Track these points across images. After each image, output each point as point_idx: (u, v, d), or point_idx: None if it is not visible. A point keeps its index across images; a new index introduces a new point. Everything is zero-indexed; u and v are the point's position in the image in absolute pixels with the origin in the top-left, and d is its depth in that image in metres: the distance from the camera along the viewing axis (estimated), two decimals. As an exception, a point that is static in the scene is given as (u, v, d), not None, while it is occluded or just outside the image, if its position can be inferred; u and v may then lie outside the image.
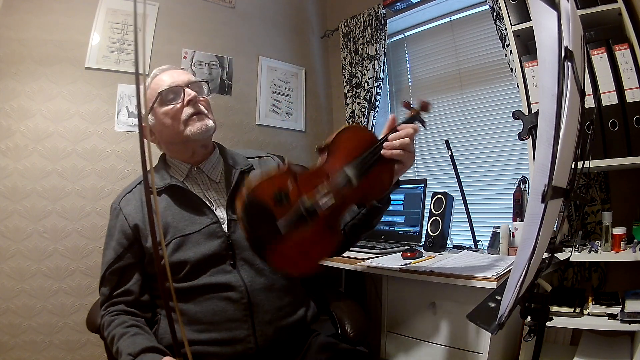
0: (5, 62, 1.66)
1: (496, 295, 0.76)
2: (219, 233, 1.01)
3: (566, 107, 0.55)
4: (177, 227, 1.00)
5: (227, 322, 0.95)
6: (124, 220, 1.03)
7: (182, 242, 0.99)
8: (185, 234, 1.00)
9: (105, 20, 1.86)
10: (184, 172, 1.10)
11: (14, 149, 1.66)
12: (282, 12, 2.46)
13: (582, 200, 1.54)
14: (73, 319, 1.71)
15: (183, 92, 1.03)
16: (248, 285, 0.98)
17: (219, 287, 0.97)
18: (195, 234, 1.00)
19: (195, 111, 1.04)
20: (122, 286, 1.02)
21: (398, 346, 1.46)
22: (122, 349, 0.91)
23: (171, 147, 1.10)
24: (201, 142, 1.07)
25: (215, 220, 1.02)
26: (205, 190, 1.09)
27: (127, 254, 1.02)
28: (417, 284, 1.37)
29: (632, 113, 1.32)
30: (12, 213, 1.65)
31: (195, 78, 1.10)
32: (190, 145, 1.06)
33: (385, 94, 2.45)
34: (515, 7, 1.58)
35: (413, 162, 1.03)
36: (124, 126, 1.87)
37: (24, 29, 1.70)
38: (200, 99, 1.07)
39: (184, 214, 1.02)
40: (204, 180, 1.10)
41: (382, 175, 0.99)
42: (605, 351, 1.36)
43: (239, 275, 0.99)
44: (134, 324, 0.97)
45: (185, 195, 1.05)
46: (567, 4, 0.62)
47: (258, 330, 0.96)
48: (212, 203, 1.06)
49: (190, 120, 1.03)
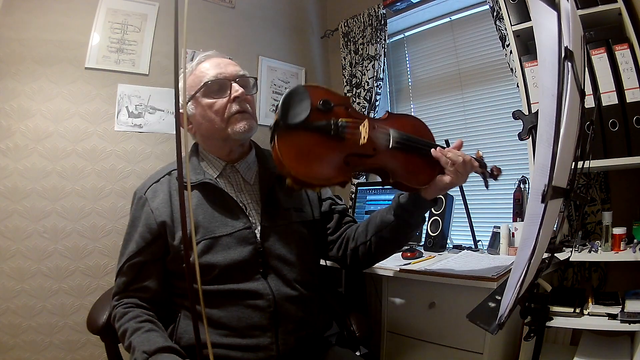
0: (5, 62, 1.66)
1: (496, 295, 0.76)
2: (251, 239, 0.97)
3: (566, 107, 0.55)
4: (208, 227, 0.96)
5: (252, 329, 0.93)
6: (150, 214, 0.98)
7: (212, 244, 0.95)
8: (216, 235, 0.95)
9: (105, 20, 1.86)
10: (218, 168, 1.05)
11: (14, 149, 1.66)
12: (282, 12, 2.46)
13: (582, 200, 1.54)
14: (73, 319, 1.71)
15: (230, 87, 0.99)
16: (276, 294, 0.95)
17: (246, 294, 0.94)
18: (227, 237, 0.96)
19: (241, 109, 0.99)
20: (139, 282, 0.98)
21: (398, 346, 1.46)
22: (135, 344, 0.88)
23: (208, 142, 1.05)
24: (241, 141, 1.04)
25: (249, 225, 0.98)
26: (239, 191, 1.04)
27: (150, 249, 0.98)
28: (417, 284, 1.37)
29: (632, 113, 1.32)
30: (12, 213, 1.65)
31: (244, 71, 1.05)
32: (229, 143, 1.02)
33: (385, 94, 2.44)
34: (515, 7, 1.58)
35: (456, 185, 1.02)
36: (124, 126, 1.87)
37: (24, 29, 1.70)
38: (247, 96, 1.02)
39: (216, 214, 0.98)
40: (238, 180, 1.05)
41: (419, 166, 1.00)
42: (605, 351, 1.36)
43: (267, 284, 0.96)
44: (148, 319, 0.94)
45: (219, 194, 1.00)
46: (567, 4, 0.62)
47: (280, 339, 0.94)
48: (246, 206, 1.02)
49: (234, 118, 0.99)
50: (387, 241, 1.07)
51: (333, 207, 1.18)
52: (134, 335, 0.90)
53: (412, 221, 1.05)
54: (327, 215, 1.17)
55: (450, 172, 0.99)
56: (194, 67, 1.03)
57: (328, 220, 1.17)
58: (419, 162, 1.01)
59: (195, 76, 1.01)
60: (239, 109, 0.99)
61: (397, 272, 1.40)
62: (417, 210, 1.04)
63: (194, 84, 1.00)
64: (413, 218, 1.05)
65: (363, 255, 1.10)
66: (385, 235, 1.06)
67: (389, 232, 1.06)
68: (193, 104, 1.01)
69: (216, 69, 1.00)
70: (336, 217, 1.17)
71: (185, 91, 0.99)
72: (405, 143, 0.99)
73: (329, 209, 1.17)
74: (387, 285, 1.50)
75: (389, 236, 1.06)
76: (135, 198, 1.04)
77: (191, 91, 1.00)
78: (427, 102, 2.35)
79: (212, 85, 0.98)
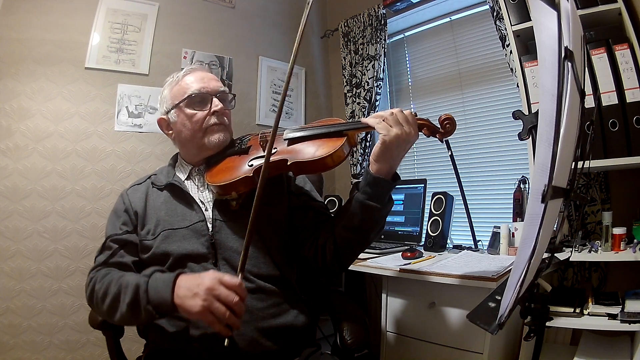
0: (5, 62, 1.66)
1: (496, 295, 0.76)
2: (204, 232, 1.03)
3: (566, 107, 0.55)
4: (168, 220, 1.05)
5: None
6: (130, 205, 1.10)
7: (169, 235, 1.03)
8: (173, 227, 1.04)
9: (105, 20, 1.86)
10: (186, 172, 1.15)
11: (14, 149, 1.66)
12: (282, 12, 2.46)
13: (582, 200, 1.54)
14: (73, 319, 1.71)
15: (211, 101, 1.09)
16: None
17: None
18: (183, 230, 1.03)
19: (219, 122, 1.10)
20: (118, 257, 1.04)
21: (398, 346, 1.46)
22: (127, 280, 0.93)
23: (183, 148, 1.16)
24: (214, 151, 1.12)
25: (203, 219, 1.05)
26: (202, 191, 1.12)
27: (130, 233, 1.07)
28: (417, 284, 1.37)
29: (632, 113, 1.32)
30: (12, 213, 1.65)
31: (224, 87, 1.15)
32: (203, 152, 1.12)
33: (385, 94, 2.44)
34: (515, 7, 1.58)
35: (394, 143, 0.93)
36: (124, 126, 1.87)
37: (24, 29, 1.70)
38: (225, 110, 1.12)
39: (177, 210, 1.07)
40: (201, 180, 1.13)
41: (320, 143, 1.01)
42: (605, 351, 1.36)
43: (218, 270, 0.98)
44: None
45: (181, 193, 1.09)
46: (567, 4, 0.62)
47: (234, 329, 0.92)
48: (204, 203, 1.09)
49: (211, 129, 1.09)
50: (351, 232, 1.00)
51: (308, 204, 1.15)
52: (121, 278, 0.95)
53: (373, 204, 0.96)
54: (300, 211, 1.13)
55: (380, 128, 0.94)
56: (180, 78, 1.13)
57: (301, 217, 1.12)
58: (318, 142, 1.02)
59: (180, 87, 1.11)
60: (217, 121, 1.09)
61: (397, 272, 1.40)
62: (375, 188, 0.96)
63: (178, 94, 1.10)
64: (373, 199, 0.96)
65: (330, 253, 1.04)
66: (348, 225, 1.00)
67: (352, 221, 0.99)
68: (176, 112, 1.10)
69: (200, 82, 1.10)
70: (311, 214, 1.12)
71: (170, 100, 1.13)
72: (296, 133, 1.06)
73: (302, 205, 1.14)
74: (387, 285, 1.50)
75: (352, 226, 0.99)
76: (119, 197, 1.16)
77: (175, 100, 1.10)
78: (427, 102, 2.35)
79: (195, 97, 1.09)
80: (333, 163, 0.99)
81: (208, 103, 1.09)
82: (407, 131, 0.94)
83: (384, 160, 0.96)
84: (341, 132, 1.02)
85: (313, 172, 1.03)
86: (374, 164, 0.97)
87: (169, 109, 1.11)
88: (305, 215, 1.13)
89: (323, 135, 1.03)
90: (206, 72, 1.15)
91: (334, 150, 0.98)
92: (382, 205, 0.98)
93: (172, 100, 1.11)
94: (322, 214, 1.14)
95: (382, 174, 0.96)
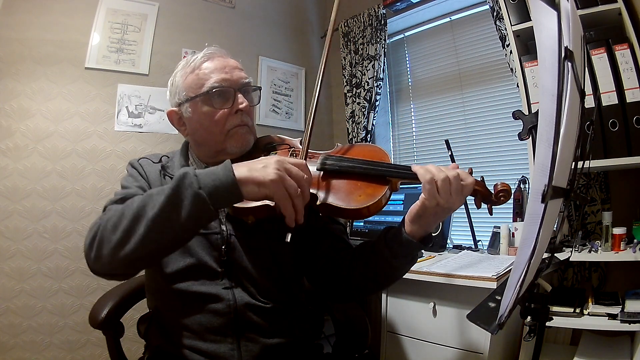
0: (5, 62, 1.66)
1: (496, 295, 0.76)
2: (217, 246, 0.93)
3: (566, 107, 0.55)
4: None
5: (211, 333, 0.89)
6: (145, 176, 0.96)
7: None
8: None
9: (105, 20, 1.86)
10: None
11: (14, 149, 1.66)
12: (282, 12, 2.46)
13: (582, 200, 1.54)
14: (73, 319, 1.71)
15: (235, 97, 0.92)
16: (238, 300, 0.90)
17: (207, 297, 0.90)
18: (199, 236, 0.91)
19: (243, 123, 0.93)
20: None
21: (398, 346, 1.46)
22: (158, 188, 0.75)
23: (199, 147, 0.99)
24: (234, 157, 0.93)
25: (218, 231, 0.93)
26: None
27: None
28: (417, 284, 1.37)
29: (632, 113, 1.32)
30: (12, 213, 1.65)
31: (249, 78, 0.98)
32: (221, 156, 0.93)
33: (385, 94, 2.44)
34: (515, 7, 1.59)
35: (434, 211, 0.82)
36: (124, 126, 1.87)
37: (24, 29, 1.70)
38: (250, 107, 0.95)
39: None
40: None
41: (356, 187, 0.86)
42: (605, 351, 1.36)
43: (230, 290, 0.91)
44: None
45: None
46: (567, 4, 0.62)
47: (243, 346, 0.89)
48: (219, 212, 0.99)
49: (234, 131, 0.93)
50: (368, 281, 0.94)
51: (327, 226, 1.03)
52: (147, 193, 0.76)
53: (398, 263, 0.88)
54: (317, 235, 1.01)
55: (426, 191, 0.80)
56: (196, 64, 0.94)
57: (317, 243, 1.01)
58: (357, 183, 0.87)
59: (196, 76, 0.93)
60: (241, 122, 0.93)
61: (397, 272, 1.40)
62: (405, 249, 0.87)
63: (194, 85, 0.93)
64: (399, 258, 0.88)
65: (341, 291, 0.98)
66: (369, 275, 0.93)
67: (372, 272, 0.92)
68: (190, 107, 0.93)
69: (220, 72, 0.93)
70: (328, 243, 1.01)
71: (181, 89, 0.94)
72: (334, 164, 0.88)
73: (322, 227, 1.02)
74: (387, 285, 1.51)
75: (371, 276, 0.93)
76: (129, 165, 1.01)
77: (190, 93, 0.93)
78: (427, 102, 2.35)
79: (215, 92, 0.91)
80: (369, 213, 0.85)
81: (230, 98, 0.92)
82: (453, 203, 0.82)
83: (419, 224, 0.86)
84: (384, 177, 0.86)
85: (342, 217, 0.93)
86: (409, 224, 0.86)
87: (182, 101, 0.94)
88: (323, 242, 1.01)
89: (363, 176, 0.87)
90: (227, 57, 0.98)
91: (373, 201, 0.83)
92: (407, 263, 0.91)
93: (187, 91, 0.93)
94: (340, 240, 1.03)
95: (416, 237, 0.86)
